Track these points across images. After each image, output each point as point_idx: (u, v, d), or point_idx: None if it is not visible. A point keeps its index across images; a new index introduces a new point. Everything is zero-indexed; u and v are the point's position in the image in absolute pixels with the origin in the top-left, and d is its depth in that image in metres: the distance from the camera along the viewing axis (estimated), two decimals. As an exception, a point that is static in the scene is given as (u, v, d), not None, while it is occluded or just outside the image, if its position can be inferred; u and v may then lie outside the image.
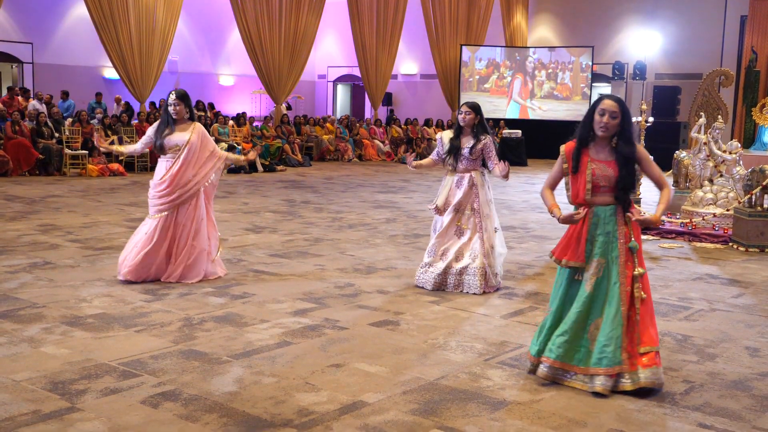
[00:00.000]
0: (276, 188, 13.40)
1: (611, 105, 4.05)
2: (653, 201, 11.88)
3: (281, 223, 9.51)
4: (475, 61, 22.48)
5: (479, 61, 22.51)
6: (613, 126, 4.06)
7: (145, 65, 17.28)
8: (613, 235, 4.11)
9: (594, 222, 4.15)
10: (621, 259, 4.09)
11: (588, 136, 4.14)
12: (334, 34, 26.30)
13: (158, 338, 4.75)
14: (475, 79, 22.53)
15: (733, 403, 3.93)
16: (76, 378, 4.03)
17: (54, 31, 19.94)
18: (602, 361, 4.00)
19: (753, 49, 18.94)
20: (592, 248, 4.13)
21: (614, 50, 22.57)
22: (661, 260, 7.82)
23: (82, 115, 15.39)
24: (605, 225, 4.13)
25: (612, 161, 4.10)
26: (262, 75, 19.77)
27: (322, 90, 27.47)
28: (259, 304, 5.65)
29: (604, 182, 4.10)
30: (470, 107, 6.16)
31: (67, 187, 12.52)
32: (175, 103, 6.24)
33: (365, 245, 8.13)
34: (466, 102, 6.26)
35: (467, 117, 6.14)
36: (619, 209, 4.14)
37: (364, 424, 3.54)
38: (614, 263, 4.10)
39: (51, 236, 8.12)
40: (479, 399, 3.89)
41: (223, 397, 3.83)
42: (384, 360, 4.45)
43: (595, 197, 4.14)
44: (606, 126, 4.05)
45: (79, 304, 5.51)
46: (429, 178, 15.91)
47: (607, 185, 4.10)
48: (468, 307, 5.68)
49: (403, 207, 11.30)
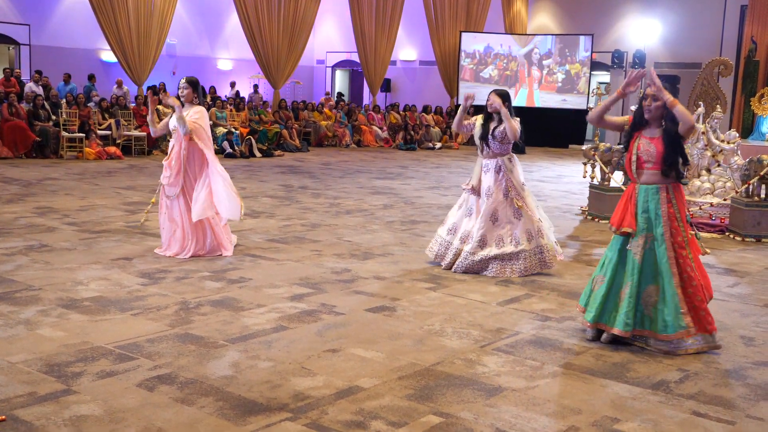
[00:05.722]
0: (273, 173, 13.38)
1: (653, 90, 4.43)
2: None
3: (278, 208, 9.50)
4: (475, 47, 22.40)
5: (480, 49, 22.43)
6: (657, 108, 4.43)
7: (143, 48, 17.20)
8: (656, 213, 4.45)
9: (639, 199, 4.50)
10: (666, 235, 4.43)
11: (641, 121, 4.51)
12: (333, 19, 26.16)
13: (154, 322, 4.75)
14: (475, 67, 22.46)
15: (727, 392, 3.95)
16: (72, 360, 4.03)
17: (52, 12, 19.82)
18: (667, 329, 4.41)
19: (753, 39, 18.89)
20: (639, 223, 4.49)
21: (614, 38, 22.49)
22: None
23: (79, 97, 15.31)
24: (647, 203, 4.47)
25: (657, 138, 4.43)
26: (260, 59, 19.69)
27: (321, 75, 27.37)
28: (256, 288, 5.65)
29: (647, 157, 4.44)
30: (498, 94, 6.28)
31: (64, 170, 12.48)
32: (183, 86, 6.51)
33: (362, 231, 8.13)
34: (494, 89, 6.40)
35: (494, 104, 6.23)
36: (663, 188, 4.46)
37: (360, 409, 3.55)
38: (661, 240, 4.44)
39: (47, 219, 8.11)
40: (475, 385, 3.90)
41: (219, 380, 3.84)
42: (380, 345, 4.46)
43: (640, 175, 4.49)
44: (649, 108, 4.43)
45: (75, 287, 5.50)
46: (427, 165, 15.89)
47: (651, 161, 4.43)
48: (464, 294, 5.69)
49: (400, 193, 11.29)
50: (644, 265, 4.50)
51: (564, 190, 12.43)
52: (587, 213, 9.83)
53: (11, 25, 19.14)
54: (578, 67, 21.83)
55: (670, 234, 4.45)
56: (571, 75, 21.91)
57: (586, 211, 9.93)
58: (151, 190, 10.50)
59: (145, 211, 7.76)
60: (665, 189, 4.48)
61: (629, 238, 4.54)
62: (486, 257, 6.22)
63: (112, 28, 16.67)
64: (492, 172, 6.28)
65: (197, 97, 6.58)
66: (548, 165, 16.73)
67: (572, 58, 21.88)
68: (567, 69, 21.95)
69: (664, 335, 4.44)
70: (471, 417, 3.52)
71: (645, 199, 4.49)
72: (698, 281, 4.49)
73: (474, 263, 6.24)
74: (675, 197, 4.49)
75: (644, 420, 3.56)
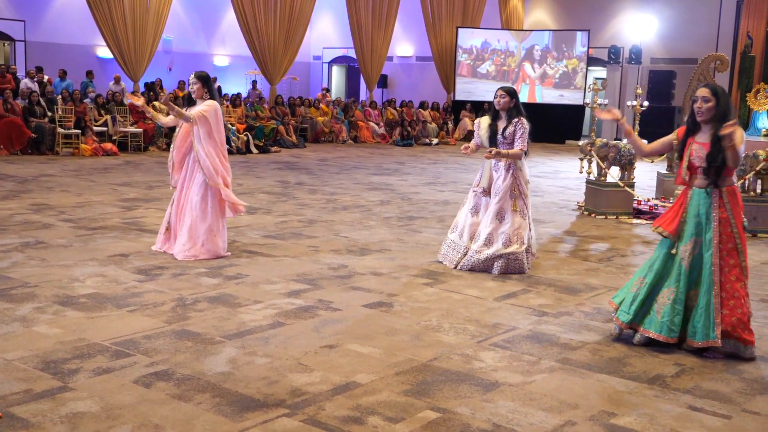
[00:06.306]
0: (270, 169, 13.37)
1: (703, 91, 4.34)
2: (647, 186, 11.91)
3: (275, 204, 9.49)
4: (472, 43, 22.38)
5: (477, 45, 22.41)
6: (708, 110, 4.31)
7: (139, 44, 17.14)
8: (707, 218, 4.35)
9: (690, 203, 4.42)
10: (715, 241, 4.32)
11: (694, 126, 4.41)
12: (329, 15, 26.12)
13: (151, 318, 4.75)
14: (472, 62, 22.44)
15: (723, 386, 3.96)
16: (68, 357, 4.03)
17: (47, 8, 19.75)
18: (696, 335, 4.35)
19: (748, 35, 18.87)
20: (689, 227, 4.40)
21: (610, 34, 22.49)
22: (654, 244, 7.81)
23: (75, 94, 15.27)
24: (698, 207, 4.38)
25: (708, 143, 4.33)
26: (257, 55, 19.65)
27: (317, 71, 27.33)
28: (253, 284, 5.65)
29: (699, 163, 4.35)
30: (505, 91, 6.23)
31: (60, 167, 12.45)
32: (193, 82, 6.44)
33: (359, 227, 8.13)
34: (501, 86, 6.33)
35: (502, 101, 6.19)
36: (715, 192, 4.35)
37: (357, 405, 3.55)
38: (709, 245, 4.33)
39: (43, 216, 8.09)
40: (471, 380, 3.91)
41: (215, 377, 3.84)
42: (377, 341, 4.46)
43: (693, 179, 4.41)
44: (701, 110, 4.33)
45: (71, 283, 5.49)
46: (423, 161, 15.89)
47: (703, 166, 4.34)
48: (461, 289, 5.69)
49: (397, 189, 11.28)
50: (691, 270, 4.39)
51: (561, 186, 12.43)
52: (584, 208, 9.84)
53: (6, 21, 19.07)
54: (575, 63, 21.83)
55: (719, 240, 4.32)
56: (568, 70, 21.91)
57: (583, 206, 9.94)
58: (148, 187, 10.49)
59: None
60: (718, 193, 4.35)
61: (677, 243, 4.43)
62: (492, 256, 6.19)
63: (107, 24, 16.61)
64: (502, 171, 6.22)
65: (208, 92, 6.42)
66: (545, 161, 16.73)
67: (569, 53, 21.88)
68: (564, 64, 21.94)
69: (691, 341, 4.38)
70: (468, 412, 3.52)
71: (697, 203, 4.38)
72: (742, 293, 4.33)
73: (480, 262, 6.22)
74: (729, 202, 4.35)
75: (640, 414, 3.56)
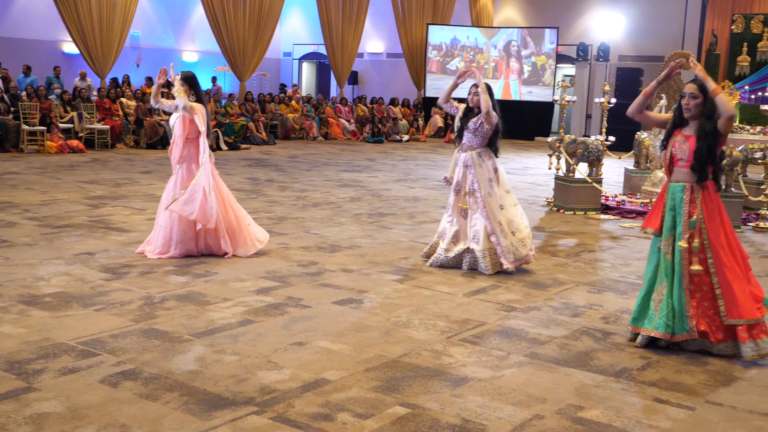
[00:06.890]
0: (240, 166, 13.28)
1: (691, 87, 4.38)
2: (615, 182, 12.05)
3: (245, 201, 9.42)
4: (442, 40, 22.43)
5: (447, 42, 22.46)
6: (695, 106, 4.36)
7: (106, 40, 16.90)
8: (678, 212, 4.40)
9: (666, 197, 4.48)
10: (684, 236, 4.36)
11: (680, 120, 4.46)
12: (299, 11, 26.00)
13: (118, 317, 4.69)
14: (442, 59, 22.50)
15: (688, 378, 4.03)
16: (33, 358, 3.96)
17: (11, 3, 19.38)
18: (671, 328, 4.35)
19: (713, 33, 19.19)
20: (667, 221, 4.45)
21: (579, 31, 22.69)
22: (621, 239, 7.94)
23: (40, 90, 15.01)
24: (673, 201, 4.43)
25: (692, 136, 4.38)
26: (226, 52, 19.48)
27: (288, 68, 27.20)
28: (222, 282, 5.61)
29: (680, 155, 4.40)
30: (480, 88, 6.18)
31: (25, 164, 12.24)
32: (179, 83, 6.34)
33: (329, 224, 8.11)
34: (475, 83, 6.16)
35: (475, 98, 6.17)
36: (689, 188, 4.39)
37: (326, 402, 3.55)
38: (679, 239, 4.39)
39: (8, 214, 7.95)
40: (441, 376, 3.92)
41: (184, 375, 3.81)
42: (347, 338, 4.46)
43: (673, 172, 4.45)
44: (688, 107, 4.38)
45: (36, 282, 5.41)
46: (394, 158, 15.90)
47: (684, 159, 4.39)
48: (431, 285, 5.71)
49: (367, 186, 11.28)
50: (675, 263, 4.40)
51: (530, 182, 12.53)
52: (552, 204, 9.93)
53: (-31, 15, 18.68)
54: (544, 60, 21.99)
55: (689, 235, 4.33)
56: (537, 67, 22.07)
57: (552, 202, 10.03)
58: (115, 184, 10.36)
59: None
60: (690, 189, 4.36)
61: (660, 238, 4.46)
62: (460, 252, 6.20)
63: (73, 19, 16.34)
64: (461, 167, 6.23)
65: (194, 94, 6.36)
66: (514, 157, 16.84)
67: (538, 50, 22.04)
68: (533, 61, 22.10)
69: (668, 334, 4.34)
70: (437, 407, 3.54)
71: (672, 197, 4.43)
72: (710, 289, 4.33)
73: (448, 259, 6.24)
74: (700, 198, 4.34)
75: (607, 407, 3.61)
